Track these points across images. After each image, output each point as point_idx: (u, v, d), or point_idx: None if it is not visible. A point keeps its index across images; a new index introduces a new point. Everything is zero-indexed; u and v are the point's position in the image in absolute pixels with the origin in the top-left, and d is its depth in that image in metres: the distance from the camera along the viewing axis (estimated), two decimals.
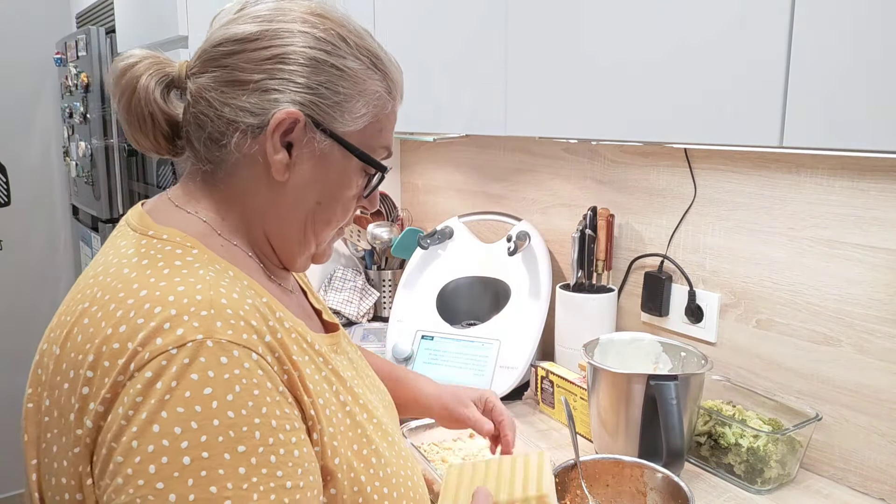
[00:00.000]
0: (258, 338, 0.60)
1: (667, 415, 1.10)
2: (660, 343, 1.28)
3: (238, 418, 0.56)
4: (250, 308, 0.61)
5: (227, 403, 0.55)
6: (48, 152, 3.15)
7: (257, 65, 0.67)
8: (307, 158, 0.69)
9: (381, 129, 0.74)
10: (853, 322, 1.14)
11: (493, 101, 1.30)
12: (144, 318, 0.57)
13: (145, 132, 0.71)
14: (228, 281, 0.63)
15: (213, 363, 0.56)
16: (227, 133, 0.67)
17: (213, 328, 0.57)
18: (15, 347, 3.03)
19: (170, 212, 0.70)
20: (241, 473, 0.55)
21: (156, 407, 0.54)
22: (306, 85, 0.67)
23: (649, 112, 1.02)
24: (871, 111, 0.78)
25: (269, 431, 0.57)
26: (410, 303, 1.65)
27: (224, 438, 0.55)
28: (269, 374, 0.59)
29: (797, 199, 1.20)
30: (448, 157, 2.02)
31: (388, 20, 1.53)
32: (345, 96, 0.69)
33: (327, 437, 0.64)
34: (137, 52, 0.70)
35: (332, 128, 0.69)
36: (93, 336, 0.59)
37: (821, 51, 0.81)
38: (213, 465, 0.54)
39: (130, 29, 2.15)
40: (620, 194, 1.51)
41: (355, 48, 0.71)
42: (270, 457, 0.57)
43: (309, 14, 0.70)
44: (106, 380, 0.56)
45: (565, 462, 1.04)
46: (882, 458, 1.12)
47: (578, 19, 1.11)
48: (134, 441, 0.54)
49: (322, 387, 0.66)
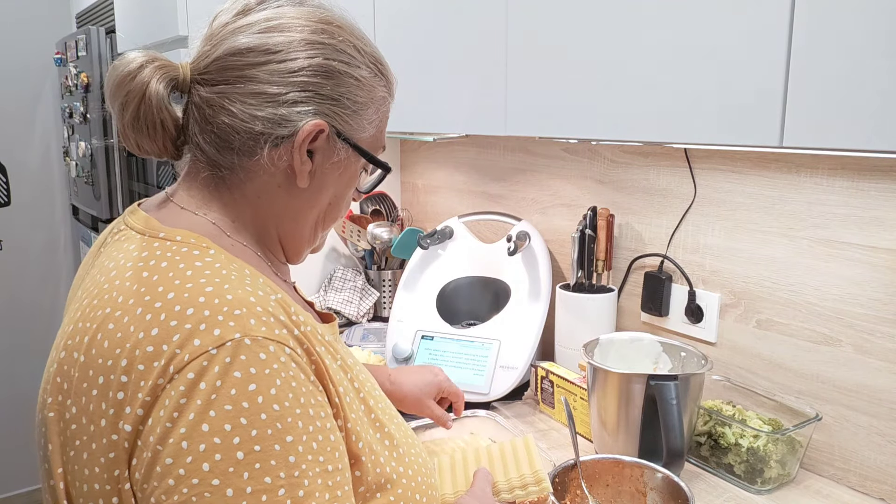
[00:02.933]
0: (287, 332, 0.62)
1: (667, 415, 1.10)
2: (660, 343, 1.28)
3: (283, 410, 0.58)
4: (275, 305, 0.63)
5: (272, 397, 0.57)
6: (48, 152, 3.14)
7: (283, 77, 0.67)
8: (327, 165, 0.72)
9: (383, 129, 0.77)
10: (853, 322, 1.14)
11: (493, 101, 1.30)
12: (178, 321, 0.58)
13: (154, 139, 0.70)
14: (250, 279, 0.64)
15: (253, 360, 0.58)
16: (246, 141, 0.68)
17: (249, 326, 0.59)
18: (15, 347, 3.03)
19: (176, 214, 0.71)
20: (291, 462, 0.57)
21: (203, 407, 0.56)
22: (329, 96, 0.69)
23: (649, 112, 1.02)
24: (871, 111, 0.78)
25: (308, 420, 0.60)
26: (410, 303, 1.65)
27: (273, 431, 0.57)
28: (301, 366, 0.61)
29: (797, 199, 1.20)
30: (448, 157, 2.02)
31: (388, 20, 1.53)
32: (361, 105, 0.72)
33: (350, 424, 0.66)
34: (138, 56, 0.68)
35: (350, 136, 0.72)
36: (122, 341, 0.59)
37: (821, 51, 0.81)
38: (265, 457, 0.56)
39: (130, 29, 2.15)
40: (620, 194, 1.51)
41: (366, 56, 0.73)
42: (313, 444, 0.59)
43: (322, 23, 0.71)
44: (142, 383, 0.57)
45: (565, 462, 1.04)
46: (882, 458, 1.12)
47: (578, 19, 1.11)
48: (183, 442, 0.55)
49: (340, 375, 0.68)
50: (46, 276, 3.12)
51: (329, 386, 0.65)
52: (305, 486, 0.58)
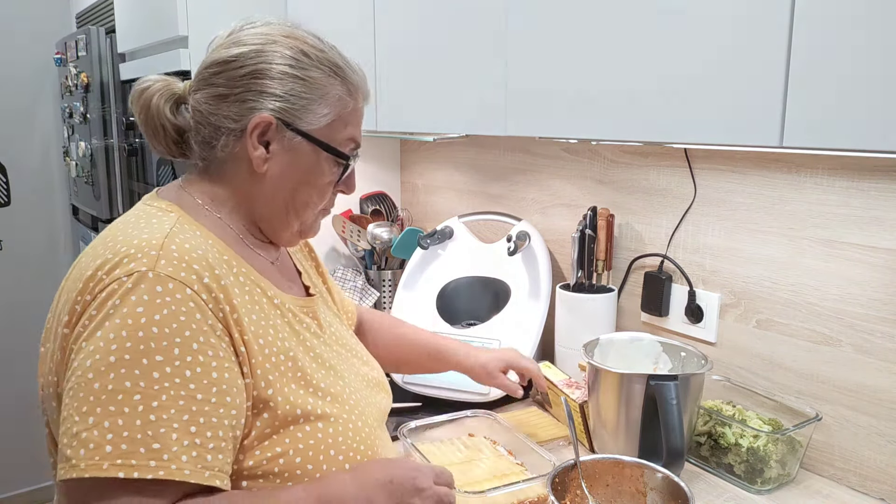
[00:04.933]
0: (196, 278, 0.75)
1: (667, 415, 1.10)
2: (660, 343, 1.28)
3: (161, 334, 0.71)
4: (198, 256, 0.77)
5: (154, 321, 0.71)
6: (48, 152, 3.14)
7: (237, 81, 0.83)
8: (282, 153, 0.86)
9: (345, 124, 0.90)
10: (853, 322, 1.14)
11: (493, 101, 1.30)
12: (112, 254, 0.75)
13: (159, 139, 0.89)
14: (190, 236, 0.79)
15: (149, 290, 0.72)
16: (216, 136, 0.85)
17: (158, 264, 0.74)
18: (14, 347, 3.03)
19: (173, 191, 0.89)
20: (154, 377, 0.70)
21: (102, 319, 0.71)
22: (275, 94, 0.84)
23: (649, 112, 1.02)
24: (871, 111, 0.78)
25: (187, 351, 0.72)
26: (410, 303, 1.65)
27: (145, 347, 0.70)
28: (200, 307, 0.74)
29: (797, 199, 1.20)
30: (448, 157, 2.02)
31: (387, 20, 1.53)
32: (309, 100, 0.85)
33: (261, 371, 0.78)
34: (152, 78, 0.89)
35: (299, 127, 0.85)
36: (83, 271, 0.76)
37: (820, 51, 0.81)
38: (132, 365, 0.69)
39: (130, 29, 2.15)
40: (620, 194, 1.51)
41: (316, 60, 0.86)
42: (185, 371, 0.71)
43: (280, 35, 0.86)
44: (78, 298, 0.74)
45: (565, 462, 1.04)
46: (882, 458, 1.12)
47: (578, 19, 1.11)
48: (83, 343, 0.72)
49: (267, 331, 0.82)
50: (46, 276, 3.12)
51: (235, 335, 0.77)
52: (162, 399, 0.69)
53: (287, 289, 0.92)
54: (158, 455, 0.68)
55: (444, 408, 1.38)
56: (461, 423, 1.28)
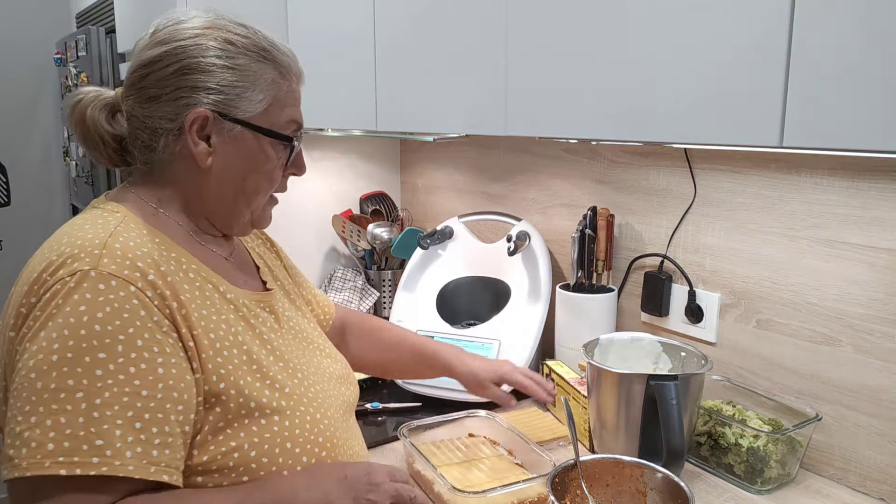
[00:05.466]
0: (140, 275, 0.75)
1: (667, 415, 1.10)
2: (660, 343, 1.28)
3: (103, 332, 0.70)
4: (143, 254, 0.77)
5: (96, 319, 0.71)
6: (48, 152, 3.15)
7: (166, 80, 0.82)
8: (224, 145, 0.85)
9: (283, 106, 0.88)
10: (853, 322, 1.13)
11: (493, 101, 1.30)
12: (57, 255, 0.75)
13: (100, 151, 0.89)
14: (135, 234, 0.79)
15: (91, 288, 0.72)
16: (155, 139, 0.84)
17: (100, 263, 0.73)
18: None
19: (121, 193, 0.88)
20: (97, 374, 0.69)
21: (46, 319, 0.71)
22: (207, 87, 0.83)
23: (649, 112, 1.02)
24: (871, 111, 0.78)
25: (131, 348, 0.71)
26: (410, 303, 1.64)
27: (87, 345, 0.70)
28: (144, 304, 0.74)
29: (797, 199, 1.20)
30: (448, 157, 2.02)
31: (387, 21, 1.53)
32: (242, 88, 0.84)
33: (212, 366, 0.78)
34: (84, 90, 0.88)
35: (236, 116, 0.84)
36: (30, 274, 0.76)
37: (820, 51, 0.81)
38: (74, 364, 0.69)
39: (130, 29, 2.15)
40: (620, 194, 1.51)
41: (243, 47, 0.85)
42: (130, 368, 0.71)
43: (203, 28, 0.84)
44: (23, 300, 0.74)
45: (565, 462, 1.04)
46: (882, 458, 1.12)
47: (578, 19, 1.11)
48: (27, 343, 0.71)
49: (219, 325, 0.81)
50: None
51: (184, 331, 0.76)
52: (105, 397, 0.69)
53: (242, 284, 0.91)
54: (101, 451, 0.68)
55: (444, 408, 1.38)
56: (461, 423, 1.28)
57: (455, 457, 1.20)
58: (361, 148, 2.09)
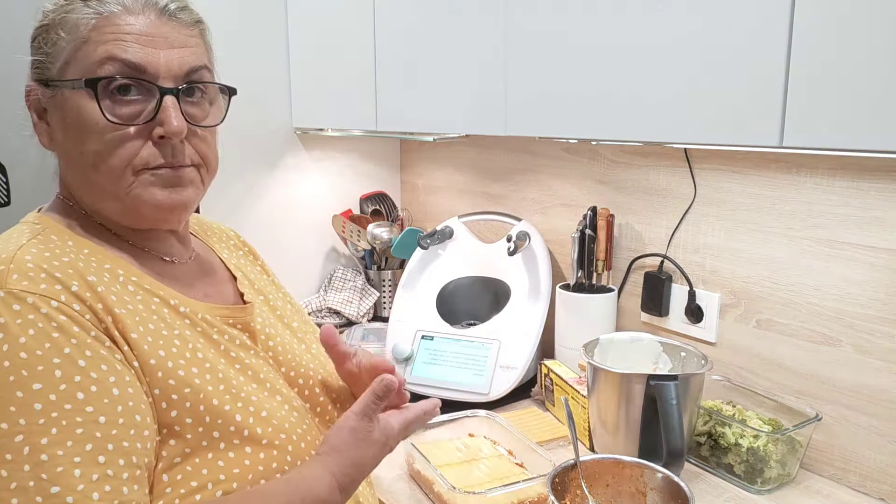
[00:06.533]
0: (62, 288, 0.64)
1: (667, 415, 1.10)
2: (660, 343, 1.28)
3: (32, 358, 0.59)
4: (62, 265, 0.66)
5: (20, 345, 0.59)
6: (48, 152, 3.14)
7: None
8: (55, 113, 0.75)
9: (96, 45, 0.72)
10: (853, 322, 1.13)
11: (493, 101, 1.30)
12: None
13: None
14: (55, 245, 0.69)
15: (4, 310, 0.60)
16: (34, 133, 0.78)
17: (9, 280, 0.62)
18: None
19: (52, 203, 0.79)
20: (36, 409, 0.58)
21: None
22: (33, 60, 0.76)
23: (649, 112, 1.02)
24: (871, 111, 0.78)
25: (74, 370, 0.60)
26: (410, 303, 1.64)
27: (16, 378, 0.58)
28: (76, 319, 0.63)
29: (797, 199, 1.20)
30: (448, 157, 2.02)
31: (387, 21, 1.53)
32: (51, 42, 0.74)
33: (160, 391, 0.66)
34: None
35: (52, 77, 0.74)
36: None
37: (820, 51, 0.81)
38: (3, 403, 0.57)
39: None
40: (620, 194, 1.51)
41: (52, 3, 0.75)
42: (77, 393, 0.60)
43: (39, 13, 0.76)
44: None
45: (565, 462, 1.04)
46: (882, 458, 1.12)
47: (578, 19, 1.11)
48: None
49: (171, 342, 0.70)
50: None
51: (125, 349, 0.65)
52: (53, 434, 0.58)
53: (202, 297, 0.79)
54: (60, 500, 0.56)
55: (444, 408, 1.38)
56: (461, 423, 1.28)
57: (455, 457, 1.20)
58: (361, 148, 2.10)
